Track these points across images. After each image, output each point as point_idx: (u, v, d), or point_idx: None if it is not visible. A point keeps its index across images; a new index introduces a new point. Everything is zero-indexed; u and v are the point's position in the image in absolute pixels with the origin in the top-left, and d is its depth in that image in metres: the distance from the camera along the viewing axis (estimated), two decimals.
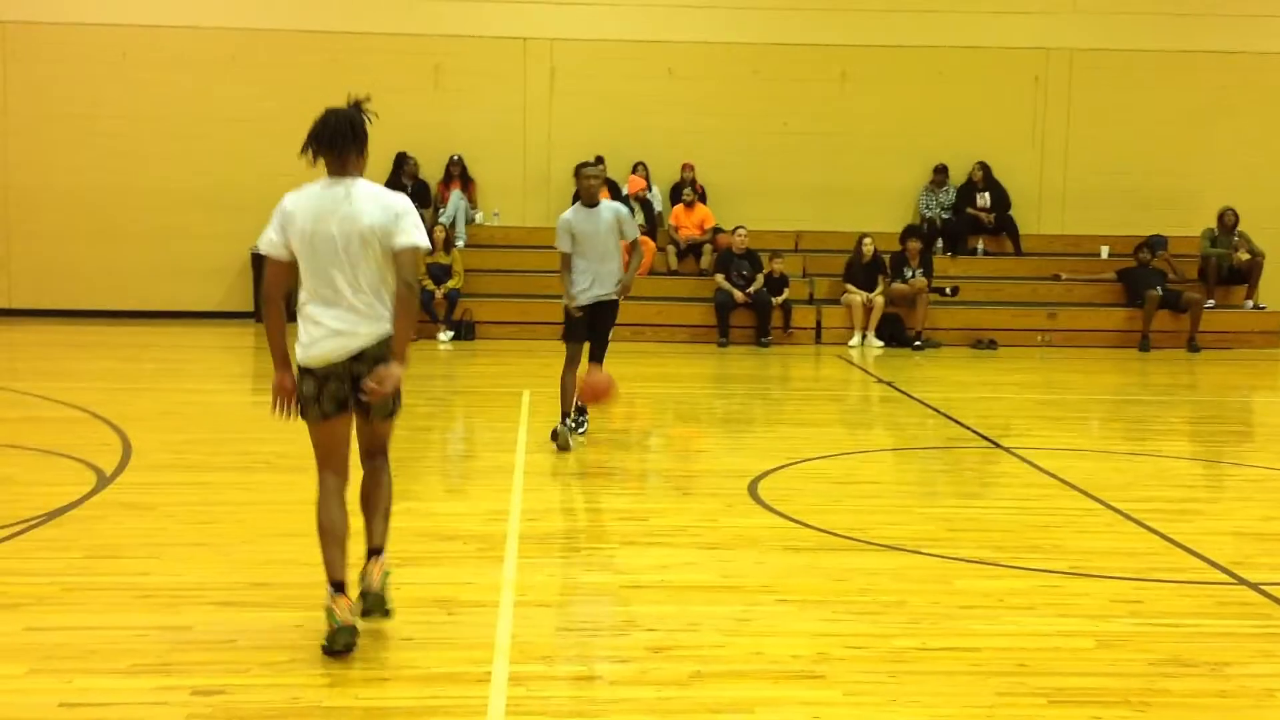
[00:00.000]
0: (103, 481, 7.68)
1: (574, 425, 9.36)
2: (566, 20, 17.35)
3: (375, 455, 5.44)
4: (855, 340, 16.06)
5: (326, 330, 5.00)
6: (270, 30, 16.79)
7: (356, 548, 5.25)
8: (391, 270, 5.03)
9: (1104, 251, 17.42)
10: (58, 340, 14.90)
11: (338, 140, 5.11)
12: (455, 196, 16.91)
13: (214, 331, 15.61)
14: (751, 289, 16.04)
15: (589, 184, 9.29)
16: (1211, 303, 16.87)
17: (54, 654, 4.85)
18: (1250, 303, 17.22)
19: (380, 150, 16.76)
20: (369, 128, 5.28)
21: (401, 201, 5.14)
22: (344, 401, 5.11)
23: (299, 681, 4.74)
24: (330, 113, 5.18)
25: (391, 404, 5.27)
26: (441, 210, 16.88)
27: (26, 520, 6.73)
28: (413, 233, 5.02)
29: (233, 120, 16.22)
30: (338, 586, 5.02)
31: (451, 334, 15.59)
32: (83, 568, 5.97)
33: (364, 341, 5.03)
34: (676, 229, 17.16)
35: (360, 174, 5.19)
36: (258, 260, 13.85)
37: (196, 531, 6.64)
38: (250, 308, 16.20)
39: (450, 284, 15.81)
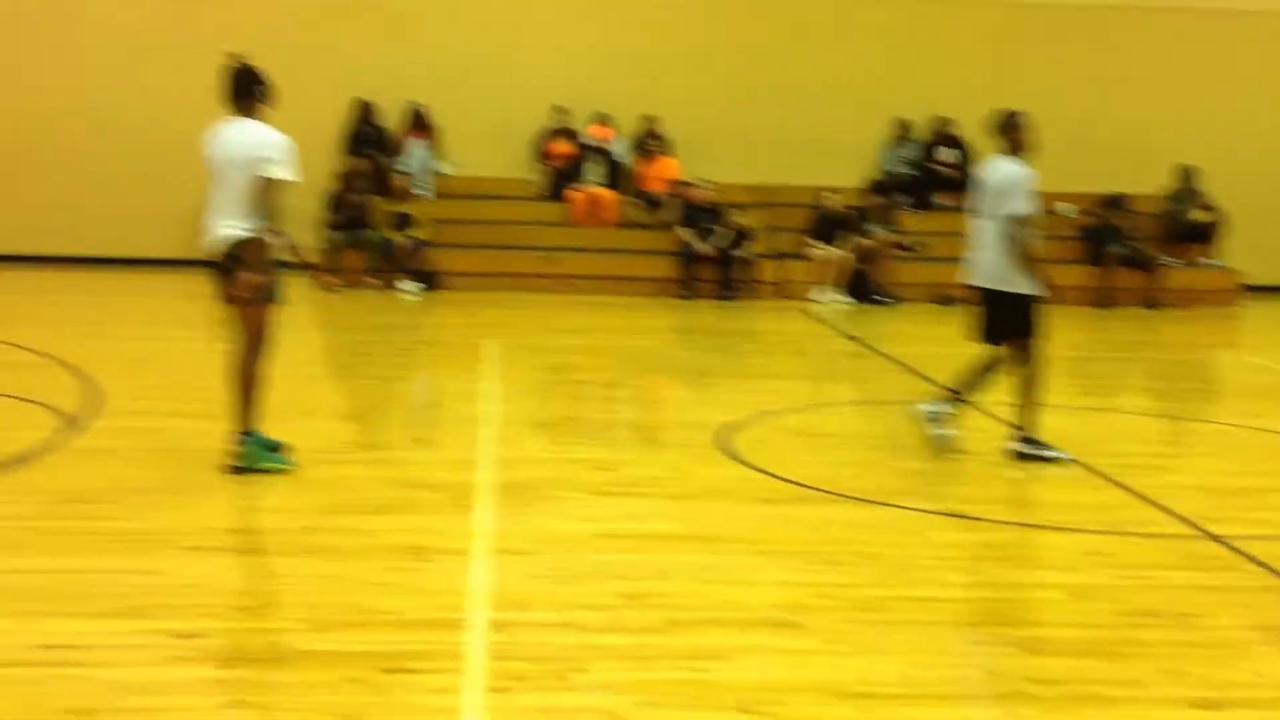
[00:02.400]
0: (69, 427, 7.60)
1: None
2: None
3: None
4: (820, 295, 16.11)
5: None
6: None
7: None
8: None
9: (1071, 210, 17.46)
10: (15, 286, 14.71)
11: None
12: (417, 145, 16.77)
13: (168, 279, 15.45)
14: (715, 242, 16.03)
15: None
16: (1172, 261, 17.03)
17: (28, 596, 4.83)
18: (1209, 261, 17.40)
19: (342, 97, 16.60)
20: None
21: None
22: None
23: (275, 626, 4.75)
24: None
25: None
26: (404, 159, 16.73)
27: None
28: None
29: (185, 68, 15.95)
30: None
31: (416, 285, 15.48)
32: (50, 512, 5.92)
33: None
34: (638, 180, 17.11)
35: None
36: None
37: (166, 477, 6.60)
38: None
39: (414, 233, 15.70)
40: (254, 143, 6.46)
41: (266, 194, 6.45)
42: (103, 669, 4.25)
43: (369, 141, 16.72)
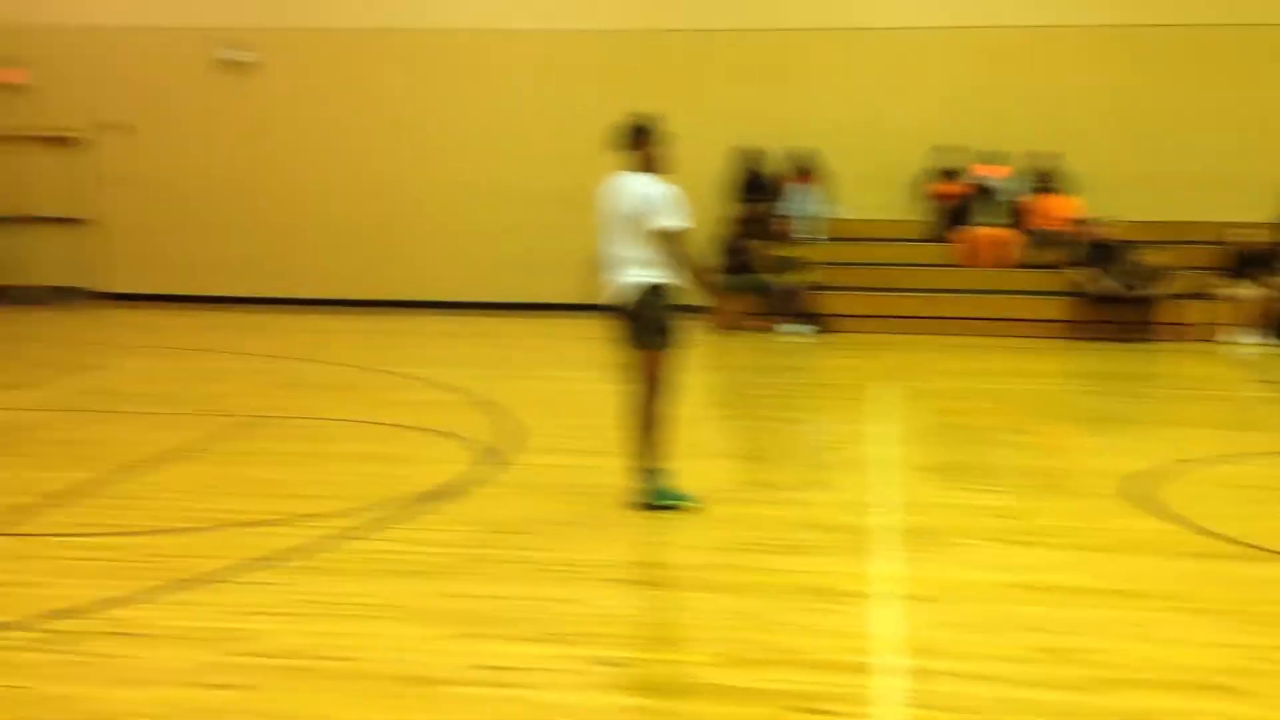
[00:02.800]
0: (492, 461, 8.11)
1: None
2: (918, 8, 17.08)
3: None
4: (1235, 336, 15.06)
5: None
6: (620, 31, 17.31)
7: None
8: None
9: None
10: (434, 330, 15.85)
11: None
12: (802, 189, 16.93)
13: (566, 324, 16.19)
14: (1121, 282, 15.31)
15: None
16: None
17: (466, 619, 5.18)
18: None
19: (730, 144, 16.97)
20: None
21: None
22: None
23: (689, 658, 4.88)
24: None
25: None
26: (789, 203, 16.92)
27: (424, 494, 7.20)
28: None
29: (580, 118, 16.75)
30: None
31: (800, 328, 15.58)
32: (484, 541, 6.33)
33: None
34: (1034, 219, 16.58)
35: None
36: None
37: (583, 512, 6.92)
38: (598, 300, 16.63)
39: (797, 276, 15.83)
40: (641, 195, 6.71)
41: (664, 244, 6.70)
42: (532, 690, 4.51)
43: (754, 187, 17.03)
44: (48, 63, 18.12)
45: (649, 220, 6.70)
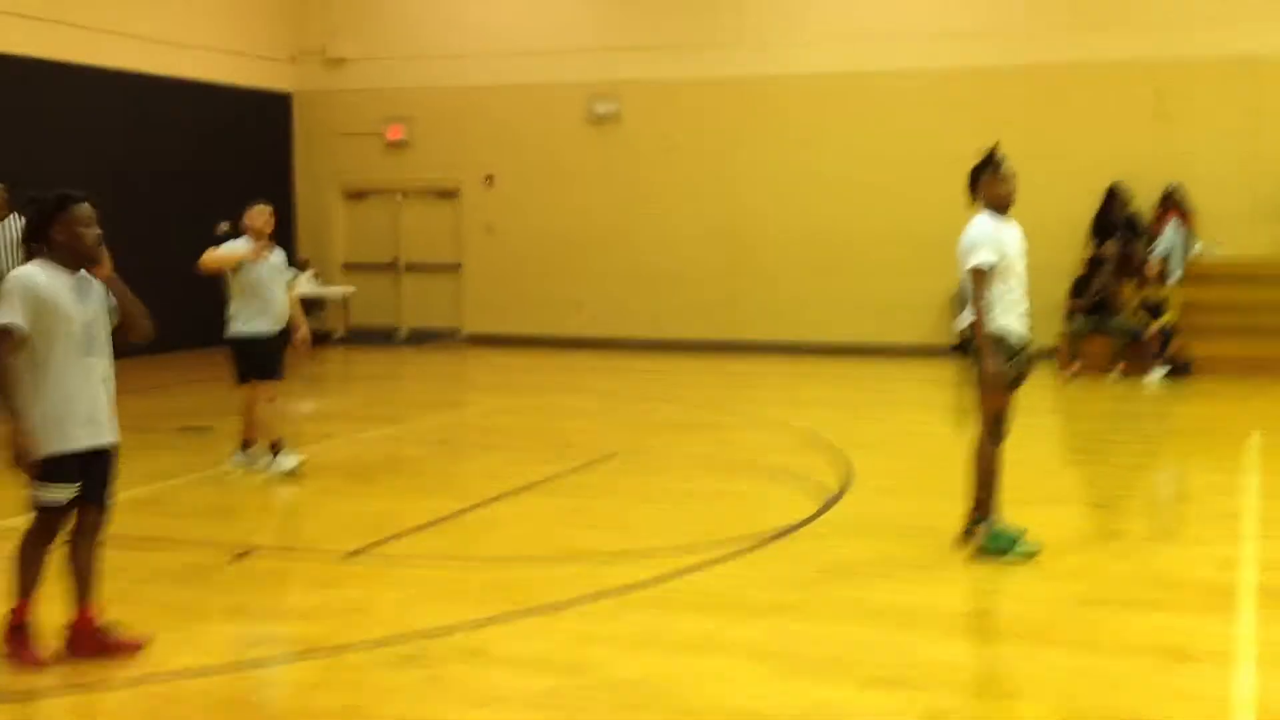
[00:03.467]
0: (830, 502, 8.13)
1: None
2: None
3: None
4: None
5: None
6: (989, 68, 16.99)
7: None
8: None
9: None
10: (788, 371, 15.99)
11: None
12: (1171, 227, 16.07)
13: (923, 366, 15.98)
14: None
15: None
16: None
17: (795, 659, 5.21)
18: None
19: (1095, 180, 16.38)
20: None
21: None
22: None
23: (1023, 713, 4.73)
24: None
25: None
26: (1156, 242, 16.11)
27: (764, 534, 7.28)
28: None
29: (949, 158, 16.50)
30: None
31: (1164, 372, 14.80)
32: (816, 580, 6.36)
33: None
34: None
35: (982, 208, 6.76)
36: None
37: (918, 555, 6.83)
38: (949, 342, 16.30)
39: (1164, 319, 15.04)
40: (964, 235, 6.68)
41: (975, 284, 6.57)
42: None
43: (1118, 225, 16.31)
44: (427, 121, 19.53)
45: (964, 261, 6.62)
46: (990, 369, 6.59)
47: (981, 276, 6.57)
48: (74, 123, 15.82)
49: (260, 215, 9.05)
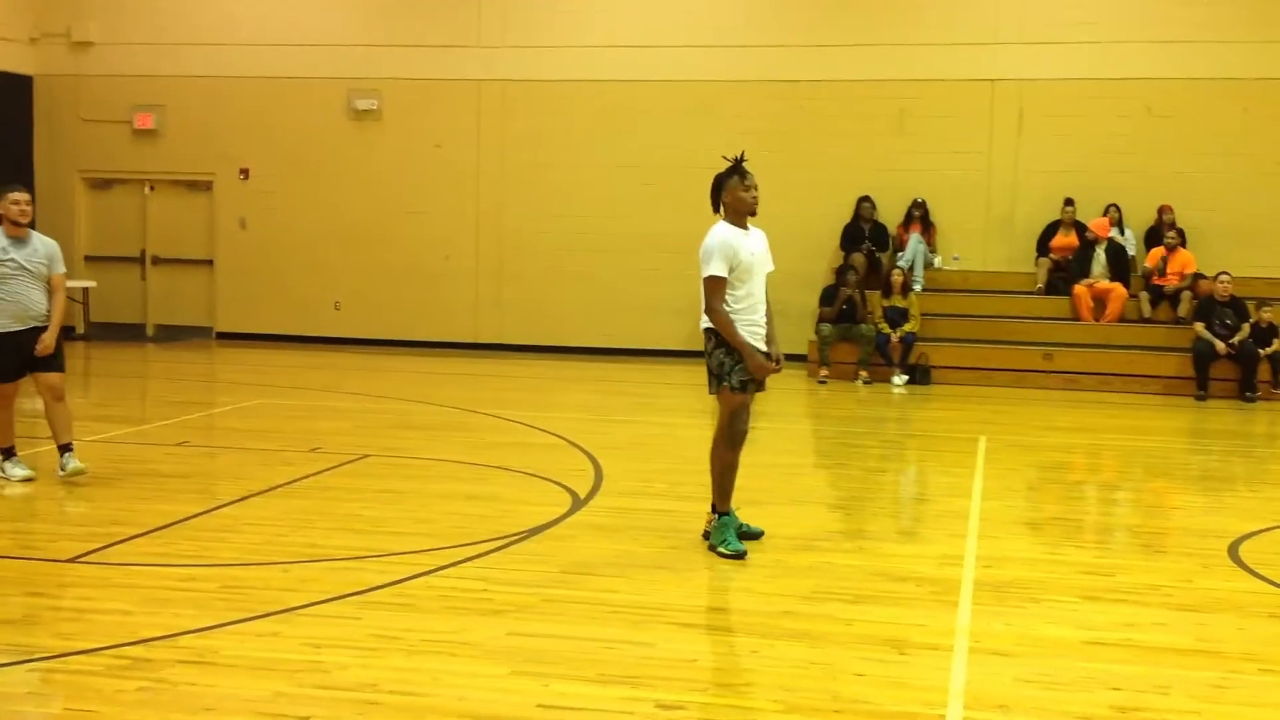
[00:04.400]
0: (577, 504, 8.18)
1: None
2: (1038, 61, 16.89)
3: None
4: None
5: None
6: (740, 81, 17.40)
7: None
8: None
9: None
10: (543, 374, 16.03)
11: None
12: (914, 240, 16.82)
13: (678, 369, 16.27)
14: (1235, 339, 14.93)
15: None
16: None
17: (533, 658, 5.22)
18: None
19: (844, 193, 17.02)
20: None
21: None
22: None
23: (752, 705, 4.85)
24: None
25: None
26: (900, 254, 16.83)
27: (511, 535, 7.29)
28: None
29: (701, 167, 16.85)
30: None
31: (906, 378, 15.49)
32: (558, 580, 6.38)
33: None
34: (1152, 272, 16.24)
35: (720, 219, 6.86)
36: None
37: (660, 555, 6.94)
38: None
39: (906, 327, 15.73)
40: (703, 244, 6.82)
41: (708, 292, 6.76)
42: None
43: (865, 236, 16.96)
44: (178, 110, 18.81)
45: (702, 268, 6.79)
46: (726, 369, 6.78)
47: (714, 285, 6.72)
48: None
49: (14, 202, 8.32)
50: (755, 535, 7.12)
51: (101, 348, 17.82)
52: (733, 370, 6.83)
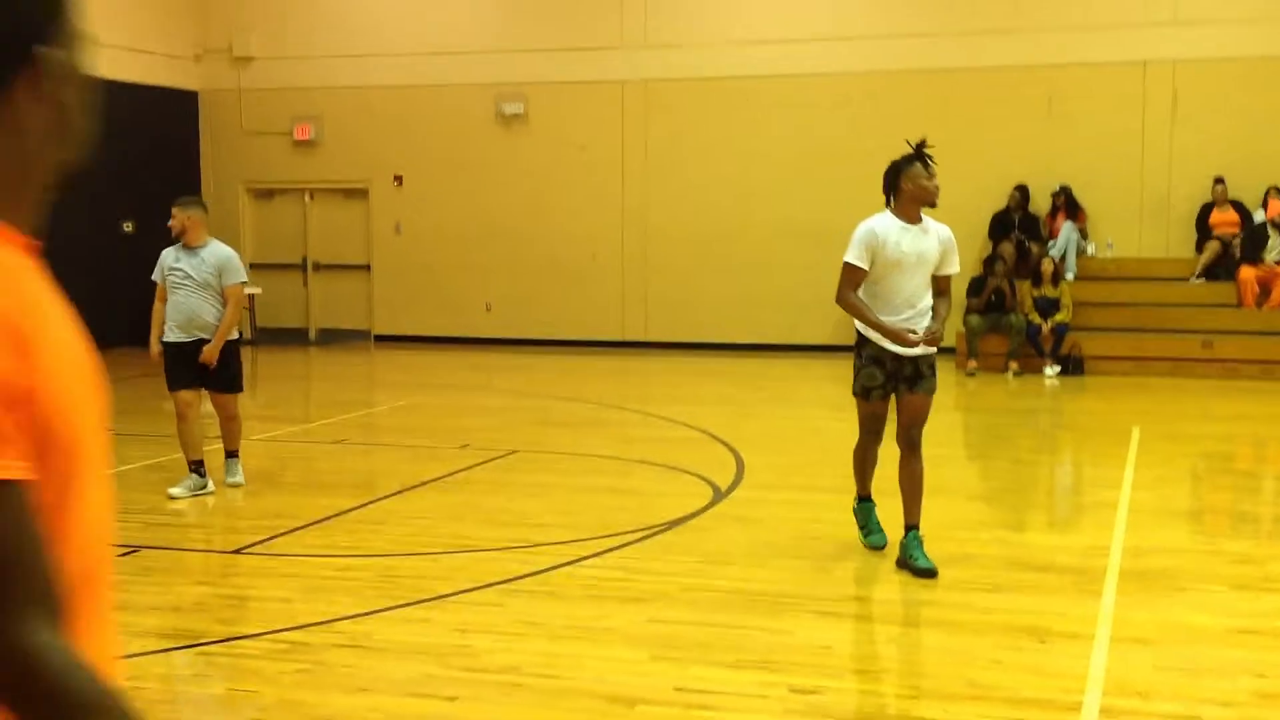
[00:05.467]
0: (717, 496, 8.30)
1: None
2: (1192, 41, 16.43)
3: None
4: None
5: None
6: (883, 72, 17.30)
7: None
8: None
9: None
10: (687, 369, 16.18)
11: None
12: (1067, 228, 16.51)
13: (822, 363, 16.25)
14: None
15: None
16: None
17: (671, 644, 5.35)
18: None
19: (991, 182, 16.79)
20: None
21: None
22: None
23: (888, 690, 4.91)
24: None
25: None
26: (1051, 243, 16.53)
27: (652, 526, 7.44)
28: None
29: (845, 161, 16.82)
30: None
31: (1058, 369, 15.21)
32: (697, 570, 6.51)
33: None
34: None
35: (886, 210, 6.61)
36: None
37: (798, 545, 7.01)
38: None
39: (1058, 317, 15.45)
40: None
41: (841, 278, 6.48)
42: (726, 714, 4.63)
43: (1015, 225, 16.71)
44: (334, 120, 19.46)
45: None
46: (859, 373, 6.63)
47: (846, 272, 6.45)
48: None
49: (172, 218, 8.34)
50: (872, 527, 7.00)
51: (267, 351, 18.54)
52: (856, 374, 6.62)
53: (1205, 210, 16.28)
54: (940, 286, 6.61)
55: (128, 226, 16.64)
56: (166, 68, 19.25)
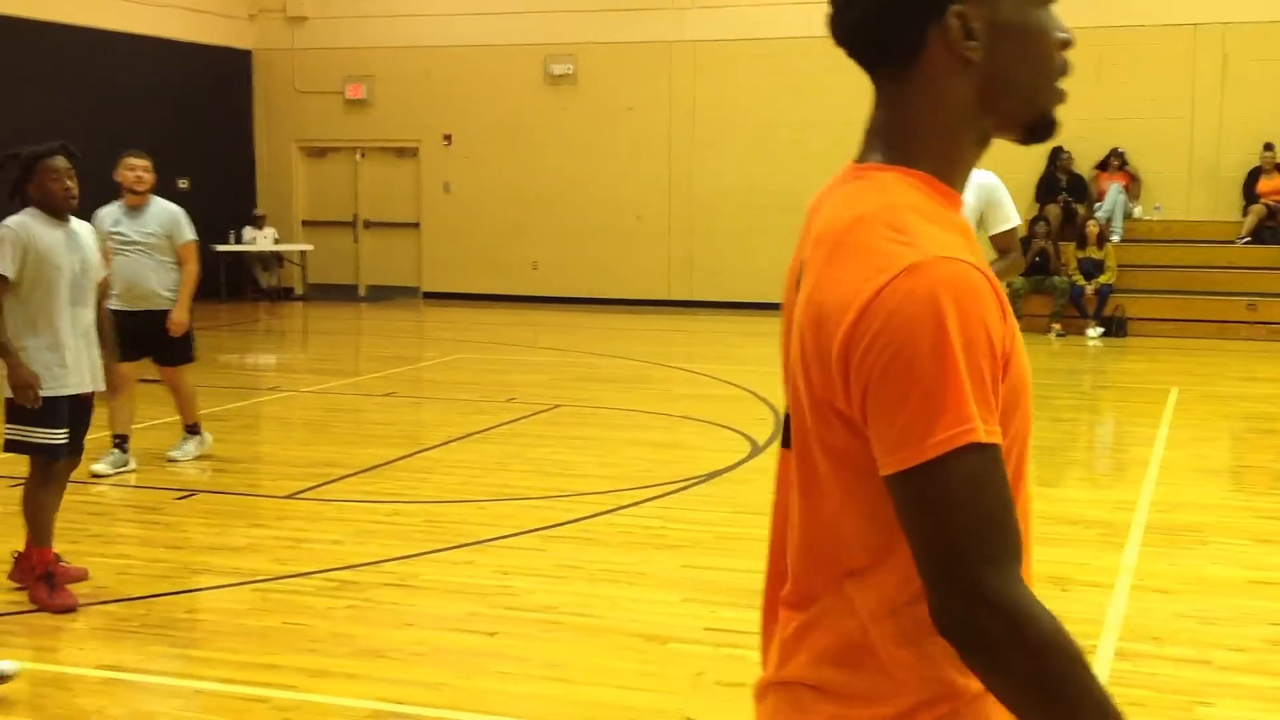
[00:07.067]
0: (755, 450, 8.49)
1: None
2: (1242, 4, 16.30)
3: None
4: None
5: None
6: None
7: None
8: None
9: None
10: (729, 329, 16.35)
11: None
12: (1114, 190, 16.49)
13: None
14: None
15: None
16: None
17: (703, 588, 5.58)
18: None
19: (1043, 145, 16.78)
20: None
21: None
22: None
23: None
24: None
25: None
26: (1098, 205, 16.52)
27: (690, 478, 7.65)
28: None
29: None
30: None
31: (1101, 330, 15.26)
32: (731, 520, 6.72)
33: None
34: None
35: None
36: None
37: None
38: None
39: (1102, 279, 15.48)
40: (997, 188, 6.12)
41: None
42: (753, 652, 4.83)
43: (1061, 187, 16.70)
44: (386, 80, 19.70)
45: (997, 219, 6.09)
46: None
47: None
48: (32, 79, 15.93)
49: (129, 168, 7.69)
50: None
51: (318, 307, 18.89)
52: None
53: (1253, 175, 16.21)
54: (998, 245, 5.84)
55: (183, 183, 16.96)
56: (221, 27, 19.54)
